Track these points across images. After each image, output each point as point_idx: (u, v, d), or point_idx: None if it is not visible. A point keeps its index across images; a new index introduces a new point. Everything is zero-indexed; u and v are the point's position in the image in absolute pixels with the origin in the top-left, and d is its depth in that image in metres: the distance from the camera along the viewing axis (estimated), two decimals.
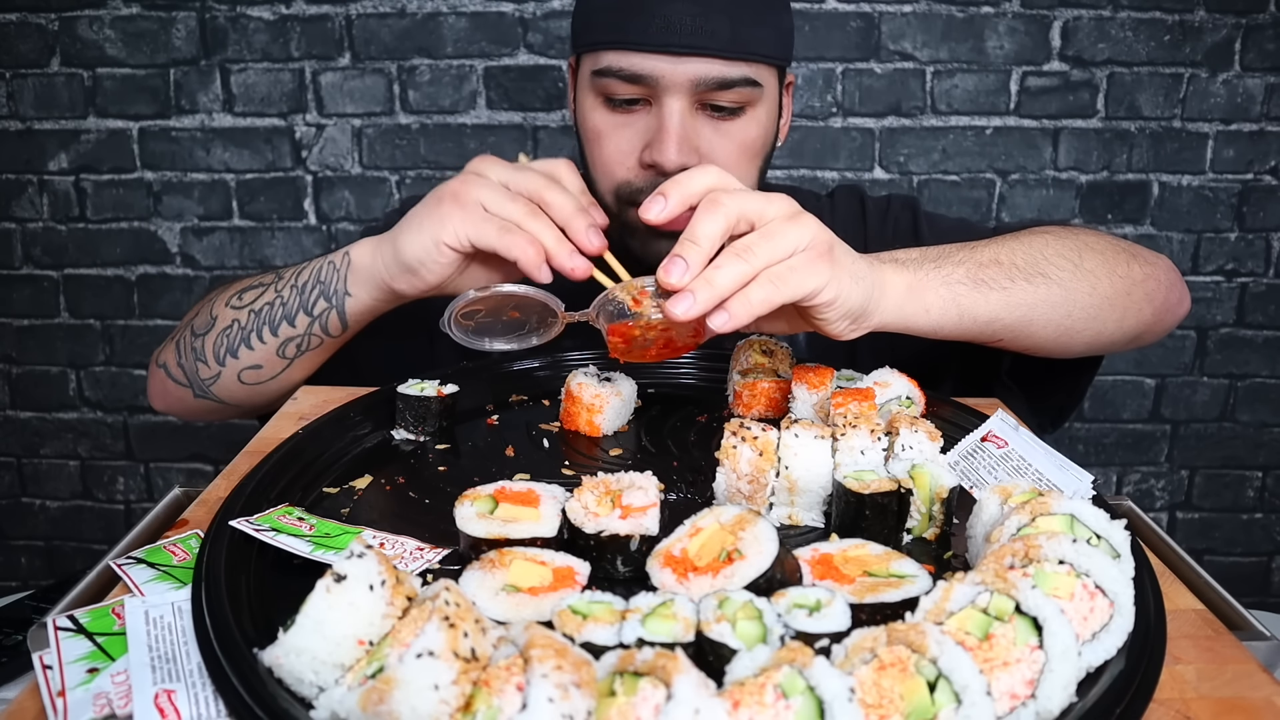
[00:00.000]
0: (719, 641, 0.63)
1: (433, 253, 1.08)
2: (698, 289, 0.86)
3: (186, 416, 1.40)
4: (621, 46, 1.21)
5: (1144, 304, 1.24)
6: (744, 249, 0.88)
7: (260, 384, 1.27)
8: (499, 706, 0.56)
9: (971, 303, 1.07)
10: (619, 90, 1.23)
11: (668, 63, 1.19)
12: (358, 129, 2.38)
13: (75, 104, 2.37)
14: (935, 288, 1.04)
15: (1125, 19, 2.28)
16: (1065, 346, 1.21)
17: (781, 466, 0.90)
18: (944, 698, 0.59)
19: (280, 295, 1.22)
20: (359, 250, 1.18)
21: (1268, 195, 2.39)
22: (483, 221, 1.05)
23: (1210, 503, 2.61)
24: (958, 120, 2.33)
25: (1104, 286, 1.18)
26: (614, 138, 1.27)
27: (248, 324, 1.24)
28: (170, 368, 1.31)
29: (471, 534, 0.80)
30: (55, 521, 2.67)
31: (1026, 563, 0.69)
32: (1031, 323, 1.13)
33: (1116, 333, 1.24)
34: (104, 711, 0.63)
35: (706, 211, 0.89)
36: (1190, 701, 0.67)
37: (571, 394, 1.11)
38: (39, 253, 2.48)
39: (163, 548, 0.85)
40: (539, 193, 1.08)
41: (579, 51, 1.31)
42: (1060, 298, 1.14)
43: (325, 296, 1.19)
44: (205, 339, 1.26)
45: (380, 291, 1.17)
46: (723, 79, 1.21)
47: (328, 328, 1.21)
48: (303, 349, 1.24)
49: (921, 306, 1.03)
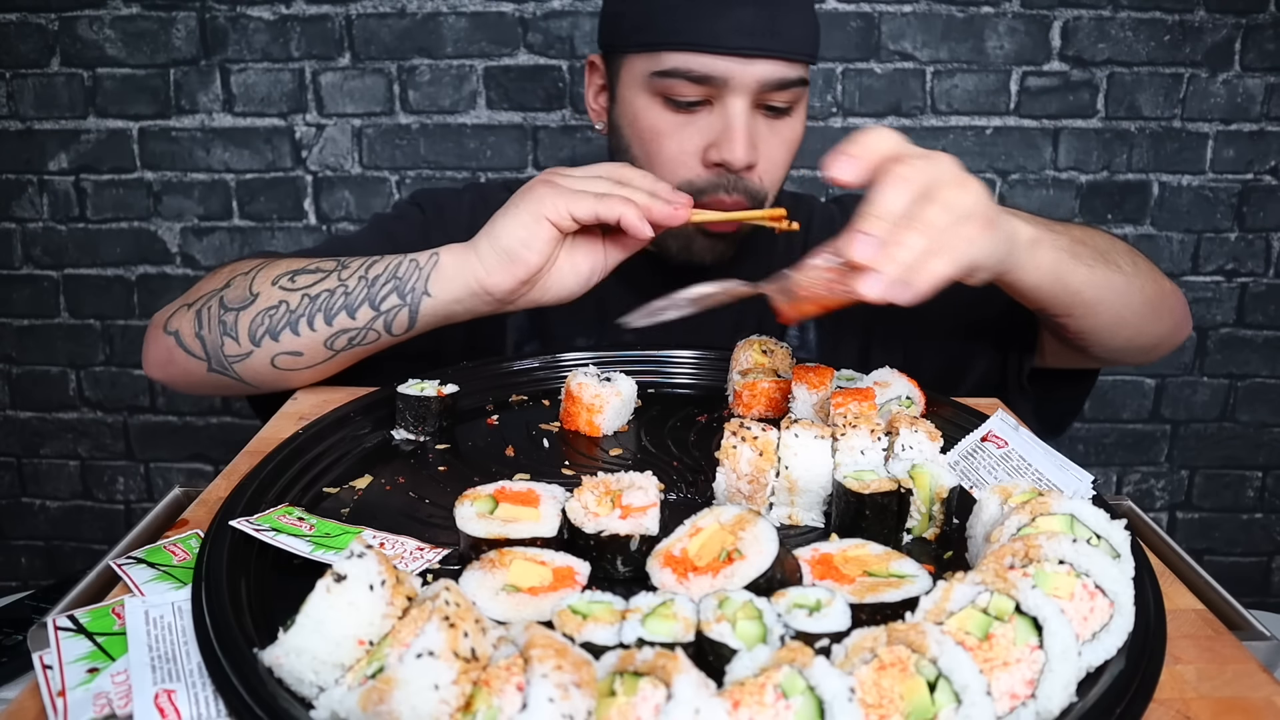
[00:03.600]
0: (719, 641, 0.63)
1: (535, 230, 1.09)
2: (886, 266, 0.85)
3: (188, 389, 1.31)
4: (691, 48, 1.22)
5: (1167, 316, 1.31)
6: (926, 224, 0.87)
7: (292, 371, 1.21)
8: (499, 706, 0.56)
9: (1068, 270, 1.12)
10: (684, 91, 1.25)
11: (738, 64, 1.21)
12: (358, 129, 2.38)
13: (75, 104, 2.37)
14: (1047, 248, 1.08)
15: (1125, 19, 2.28)
16: (1112, 336, 1.25)
17: (781, 466, 0.90)
18: (944, 698, 0.59)
19: (344, 284, 1.17)
20: (449, 252, 1.15)
21: (1268, 195, 2.39)
22: (576, 195, 1.09)
23: (1210, 503, 2.61)
24: (958, 120, 2.33)
25: (1150, 289, 1.24)
26: (676, 137, 1.28)
27: (299, 308, 1.17)
28: (184, 337, 1.22)
29: (471, 534, 0.80)
30: (55, 521, 2.67)
31: (1026, 563, 0.69)
32: (1100, 303, 1.18)
33: (1149, 335, 1.30)
34: (104, 711, 0.63)
35: (892, 186, 0.87)
36: (1190, 701, 0.67)
37: (571, 394, 1.11)
38: (39, 253, 2.48)
39: (163, 548, 0.85)
40: (615, 173, 1.14)
41: (626, 51, 1.30)
42: (1123, 287, 1.19)
43: (399, 293, 1.15)
44: (240, 315, 1.19)
45: (468, 293, 1.14)
46: (784, 80, 1.24)
47: (391, 325, 1.17)
48: (354, 343, 1.19)
49: (1034, 261, 1.07)
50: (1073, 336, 1.26)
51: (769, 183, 1.32)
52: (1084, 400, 1.51)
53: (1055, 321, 1.22)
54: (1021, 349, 1.41)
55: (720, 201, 1.29)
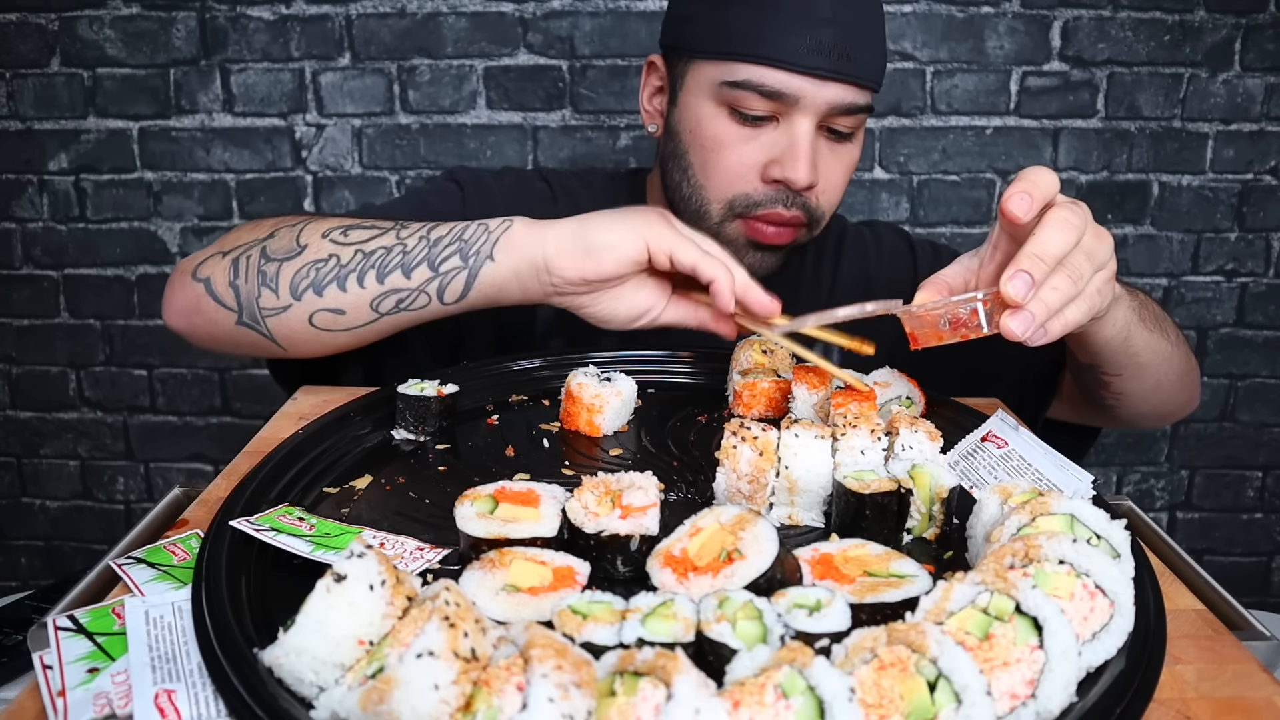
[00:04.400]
0: (719, 641, 0.63)
1: (628, 242, 1.04)
2: (1036, 310, 0.87)
3: (210, 343, 1.24)
4: (767, 62, 1.21)
5: (1189, 388, 1.34)
6: (1076, 273, 0.89)
7: (328, 331, 1.16)
8: (499, 706, 0.56)
9: (1136, 331, 1.13)
10: (753, 105, 1.24)
11: (812, 84, 1.21)
12: (358, 129, 2.38)
13: (75, 104, 2.37)
14: (1125, 307, 1.09)
15: (1125, 19, 2.28)
16: (1144, 400, 1.28)
17: (781, 466, 0.90)
18: (944, 698, 0.59)
19: (403, 243, 1.12)
20: (524, 221, 1.10)
21: (1268, 195, 2.39)
22: (685, 241, 1.05)
23: (1210, 503, 2.61)
24: (958, 120, 2.33)
25: (1181, 361, 1.27)
26: (738, 150, 1.27)
27: (351, 262, 1.12)
28: (216, 285, 1.16)
29: (471, 534, 0.80)
30: (55, 521, 2.67)
31: (1026, 563, 0.69)
32: (1149, 368, 1.20)
33: (1171, 404, 1.33)
34: (104, 711, 0.63)
35: (1058, 230, 0.89)
36: (1190, 701, 0.67)
37: (571, 394, 1.11)
38: (39, 253, 2.48)
39: (163, 548, 0.85)
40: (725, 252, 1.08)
41: (694, 56, 1.29)
42: (1168, 355, 1.22)
43: (462, 255, 1.10)
44: (284, 265, 1.14)
45: (530, 265, 1.08)
46: (853, 105, 1.24)
47: (445, 291, 1.12)
48: (401, 307, 1.13)
49: (1113, 319, 1.07)
50: (1111, 395, 1.26)
51: (826, 204, 1.32)
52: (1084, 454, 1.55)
53: (1103, 378, 1.22)
54: (1041, 392, 1.42)
55: (779, 215, 1.29)
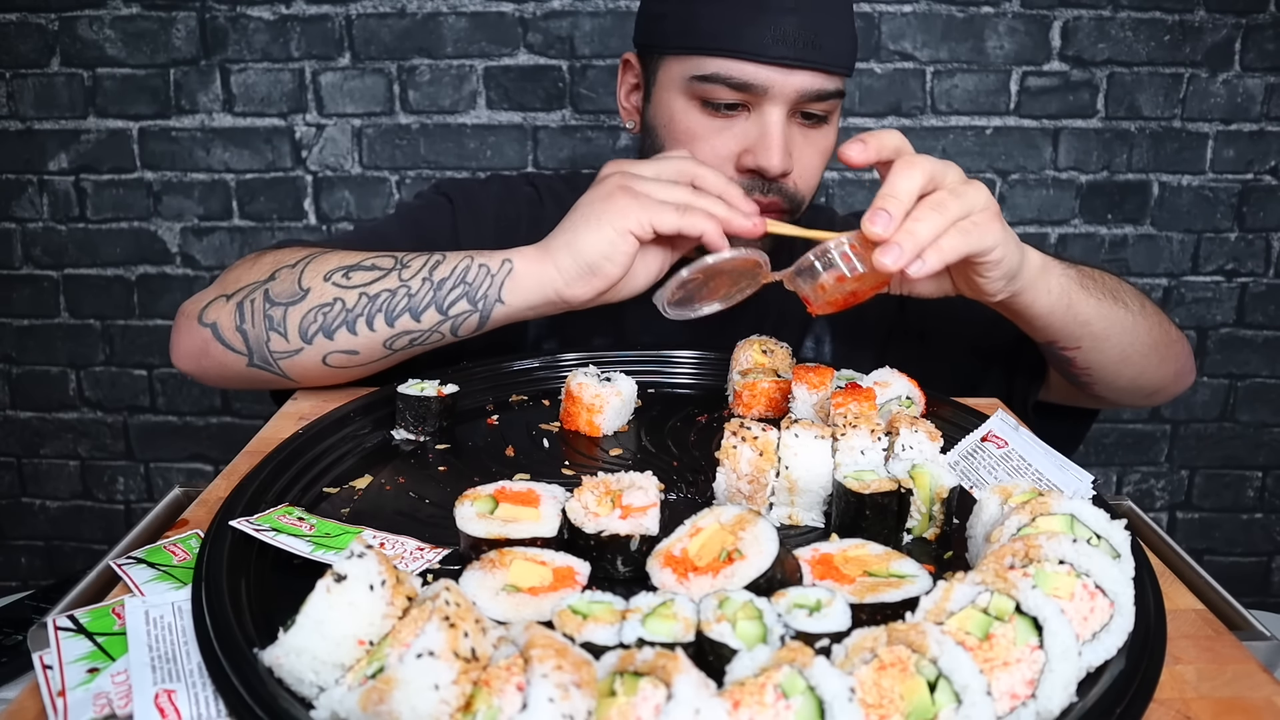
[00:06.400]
0: (719, 641, 0.63)
1: (618, 244, 1.08)
2: (903, 240, 0.93)
3: (222, 383, 1.25)
4: (733, 55, 1.22)
5: (1172, 361, 1.34)
6: (938, 204, 0.96)
7: (345, 369, 1.18)
8: (499, 706, 0.56)
9: (1078, 299, 1.16)
10: (723, 96, 1.25)
11: (779, 74, 1.22)
12: (358, 129, 2.37)
13: (75, 104, 2.37)
14: (1057, 275, 1.13)
15: (1125, 19, 2.28)
16: (1116, 375, 1.28)
17: (781, 466, 0.90)
18: (944, 698, 0.59)
19: (406, 286, 1.13)
20: (523, 259, 1.12)
21: (1268, 195, 2.39)
22: (659, 208, 1.09)
23: (1210, 503, 2.61)
24: (958, 120, 2.33)
25: (1156, 332, 1.28)
26: (711, 141, 1.28)
27: (356, 307, 1.13)
28: (223, 330, 1.17)
29: (471, 534, 0.80)
30: (55, 521, 2.67)
31: (1026, 563, 0.69)
32: (1108, 339, 1.21)
33: (1152, 377, 1.33)
34: (104, 711, 0.63)
35: (905, 170, 0.96)
36: (1190, 701, 0.67)
37: (571, 394, 1.11)
38: (39, 253, 2.48)
39: (163, 548, 0.85)
40: (689, 174, 1.15)
41: (665, 53, 1.31)
42: (1130, 326, 1.23)
43: (470, 299, 1.13)
44: (289, 310, 1.14)
45: (543, 300, 1.12)
46: (822, 91, 1.25)
47: (459, 329, 1.15)
48: (415, 344, 1.16)
49: (1046, 286, 1.12)
50: (1079, 372, 1.27)
51: (804, 188, 1.33)
52: (1081, 438, 1.56)
53: (1063, 354, 1.23)
54: (1029, 377, 1.43)
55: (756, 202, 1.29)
